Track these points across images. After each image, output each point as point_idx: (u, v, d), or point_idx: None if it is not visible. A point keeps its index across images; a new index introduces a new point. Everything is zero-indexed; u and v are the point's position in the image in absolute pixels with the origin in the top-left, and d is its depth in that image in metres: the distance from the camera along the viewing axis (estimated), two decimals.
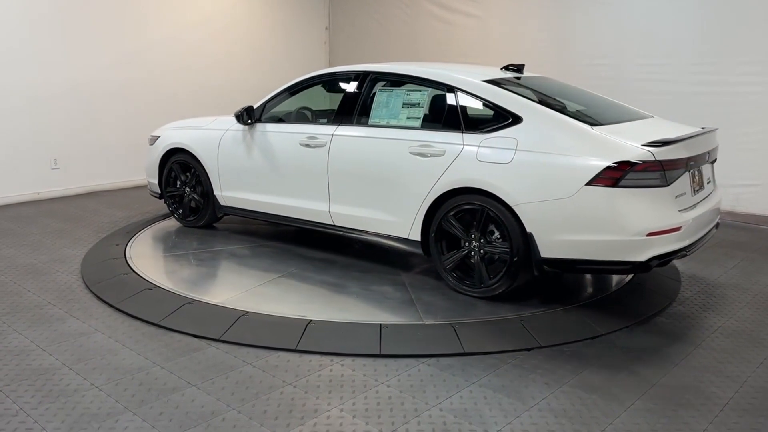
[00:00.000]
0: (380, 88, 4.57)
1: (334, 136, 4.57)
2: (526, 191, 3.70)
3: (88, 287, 4.23)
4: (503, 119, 3.92)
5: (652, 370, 3.16)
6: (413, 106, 4.35)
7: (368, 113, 4.52)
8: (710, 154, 4.02)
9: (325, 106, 5.48)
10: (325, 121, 4.85)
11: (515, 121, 3.86)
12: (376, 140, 4.37)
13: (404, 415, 2.73)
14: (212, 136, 5.36)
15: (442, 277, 4.18)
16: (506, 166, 3.78)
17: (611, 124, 3.94)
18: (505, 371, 3.12)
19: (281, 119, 5.11)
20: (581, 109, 4.24)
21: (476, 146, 3.92)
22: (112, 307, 3.89)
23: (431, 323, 3.65)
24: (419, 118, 4.28)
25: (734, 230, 5.94)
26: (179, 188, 5.70)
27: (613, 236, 3.49)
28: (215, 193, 5.39)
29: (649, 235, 3.45)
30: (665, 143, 3.53)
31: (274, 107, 5.14)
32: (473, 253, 3.98)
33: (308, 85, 5.04)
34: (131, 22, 7.62)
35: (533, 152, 3.72)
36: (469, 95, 4.13)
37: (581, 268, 3.73)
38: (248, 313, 3.71)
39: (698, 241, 3.81)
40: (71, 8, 7.08)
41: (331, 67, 6.81)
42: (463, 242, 4.01)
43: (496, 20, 7.91)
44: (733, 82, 6.12)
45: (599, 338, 3.52)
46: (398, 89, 4.48)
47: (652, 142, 3.53)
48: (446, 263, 4.10)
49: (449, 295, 4.07)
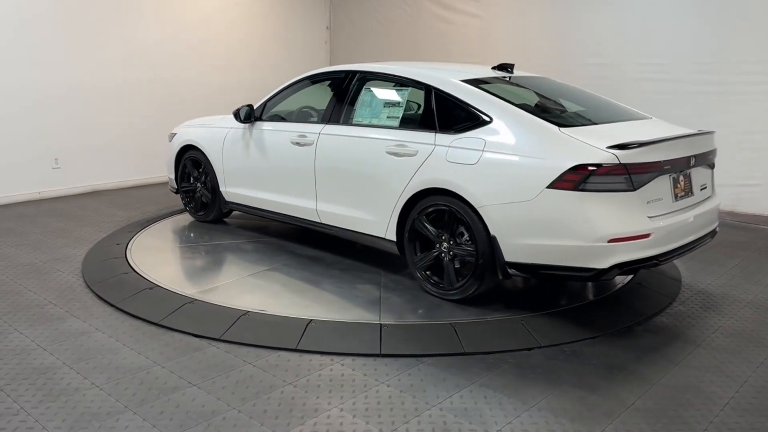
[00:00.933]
0: (365, 87, 4.59)
1: (320, 134, 4.63)
2: (490, 193, 3.61)
3: (88, 286, 4.24)
4: (474, 119, 3.84)
5: (652, 370, 3.16)
6: (394, 105, 4.36)
7: (353, 112, 4.55)
8: (698, 158, 3.78)
9: (325, 105, 5.51)
10: (315, 119, 4.89)
11: (485, 121, 3.78)
12: (356, 139, 4.40)
13: (404, 414, 2.73)
14: (218, 134, 5.49)
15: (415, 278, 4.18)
16: (472, 167, 3.70)
17: (593, 124, 3.85)
18: (505, 371, 3.12)
19: (283, 118, 5.16)
20: (575, 109, 4.21)
21: (447, 146, 3.86)
22: (112, 306, 3.90)
23: (390, 323, 3.65)
24: (398, 117, 4.28)
25: (734, 230, 5.94)
26: (192, 184, 5.87)
27: (573, 242, 3.35)
28: (220, 188, 5.54)
29: (611, 241, 3.29)
30: (632, 146, 3.36)
31: (274, 106, 5.21)
32: (443, 254, 3.93)
33: (303, 84, 5.11)
34: (132, 22, 7.63)
35: (499, 153, 3.62)
36: (444, 95, 4.06)
37: (544, 273, 3.57)
38: (248, 312, 3.72)
39: (680, 249, 3.62)
40: (72, 8, 7.08)
41: (331, 66, 6.81)
42: (434, 243, 3.97)
43: (497, 20, 7.91)
44: (733, 82, 6.12)
45: (599, 338, 3.52)
46: (382, 88, 4.50)
47: (618, 144, 3.36)
48: (418, 264, 4.07)
49: (419, 296, 4.04)
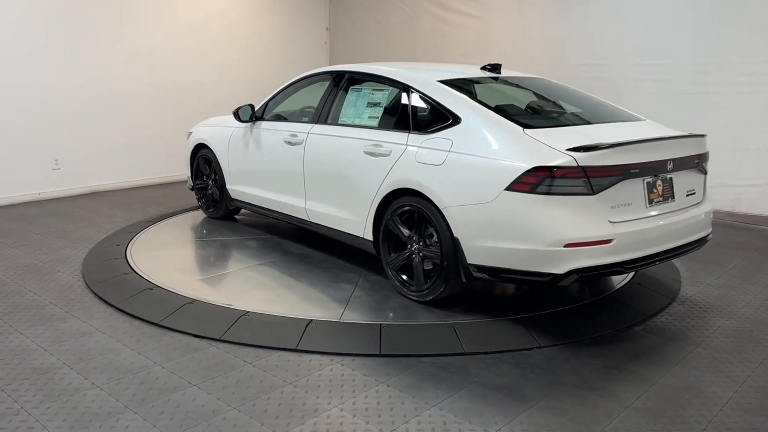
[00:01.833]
0: (351, 87, 4.62)
1: (309, 134, 4.68)
2: (453, 194, 3.57)
3: (89, 287, 4.24)
4: (445, 120, 3.82)
5: (652, 370, 3.16)
6: (375, 105, 4.38)
7: (339, 112, 4.59)
8: (679, 162, 3.64)
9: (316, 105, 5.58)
10: (307, 119, 4.93)
11: (454, 121, 3.75)
12: (339, 139, 4.43)
13: (404, 414, 2.73)
14: (225, 132, 5.63)
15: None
16: (438, 167, 3.67)
17: (569, 126, 3.81)
18: (504, 371, 3.13)
19: (283, 118, 5.22)
20: (558, 110, 4.18)
21: (417, 147, 3.85)
22: (113, 306, 3.90)
23: (356, 322, 3.67)
24: (377, 117, 4.29)
25: (734, 230, 5.94)
26: (204, 181, 6.03)
27: (530, 245, 3.29)
28: (227, 186, 5.67)
29: (567, 246, 3.20)
30: (593, 148, 3.25)
31: (275, 106, 5.29)
32: (414, 255, 3.92)
33: (302, 84, 5.18)
34: (132, 22, 7.63)
35: (463, 154, 3.59)
36: (420, 94, 4.06)
37: (505, 277, 3.50)
38: (248, 313, 3.72)
39: (655, 256, 3.51)
40: (72, 9, 7.09)
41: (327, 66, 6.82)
42: (406, 244, 3.96)
43: (496, 20, 7.92)
44: (733, 82, 6.12)
45: (599, 338, 3.52)
46: (366, 89, 4.52)
47: (578, 146, 3.27)
48: (391, 264, 4.07)
49: (391, 297, 4.04)
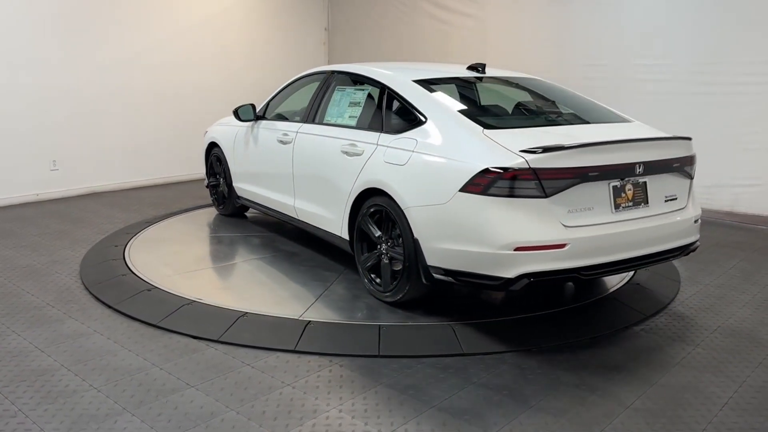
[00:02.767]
0: (337, 87, 4.64)
1: (297, 133, 4.73)
2: (414, 195, 3.55)
3: (87, 288, 4.23)
4: (413, 119, 3.81)
5: (651, 370, 3.16)
6: (355, 105, 4.39)
7: (325, 111, 4.63)
8: (651, 165, 3.46)
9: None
10: (298, 119, 4.97)
11: (421, 121, 3.73)
12: (321, 138, 4.47)
13: (404, 415, 2.73)
14: (231, 132, 5.75)
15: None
16: (402, 167, 3.65)
17: (539, 126, 3.77)
18: (504, 371, 3.12)
19: (283, 117, 5.26)
20: (537, 110, 4.15)
21: (386, 147, 3.84)
22: (110, 308, 3.89)
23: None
24: (356, 117, 4.31)
25: (734, 230, 5.94)
26: (216, 179, 6.18)
27: (481, 248, 3.22)
28: (233, 183, 5.79)
29: (517, 249, 3.13)
30: (546, 150, 3.16)
31: (276, 106, 5.36)
32: (383, 255, 3.89)
33: (300, 84, 5.24)
34: (131, 23, 7.63)
35: (425, 154, 3.56)
36: (393, 94, 4.05)
37: (462, 279, 3.41)
38: (247, 314, 3.71)
39: (621, 264, 3.38)
40: (71, 10, 7.08)
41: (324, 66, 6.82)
42: (376, 244, 3.95)
43: (494, 20, 7.91)
44: (733, 82, 6.12)
45: (598, 338, 3.51)
46: (349, 88, 4.54)
47: (532, 148, 3.18)
48: (363, 263, 4.06)
49: (361, 297, 4.03)
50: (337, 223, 4.27)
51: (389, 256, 3.85)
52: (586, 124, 3.94)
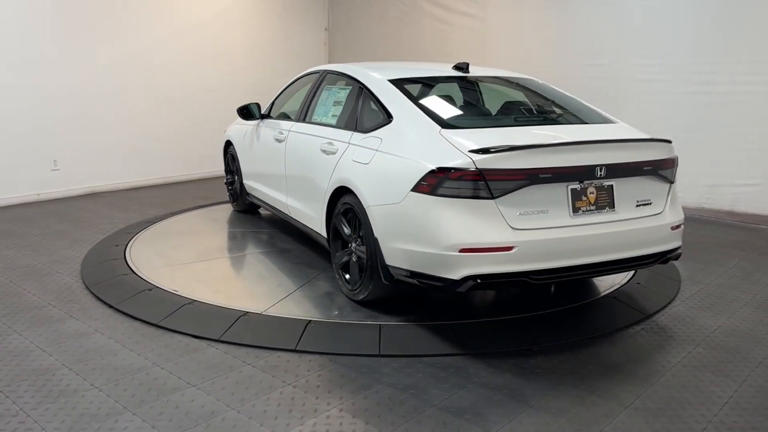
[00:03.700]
0: (326, 86, 4.69)
1: (290, 131, 4.80)
2: (374, 194, 3.54)
3: (87, 288, 4.23)
4: (383, 117, 3.81)
5: (650, 369, 3.16)
6: (338, 103, 4.43)
7: (314, 110, 4.69)
8: (614, 168, 3.31)
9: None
10: (293, 118, 5.01)
11: (387, 120, 3.73)
12: (307, 136, 4.53)
13: (404, 414, 2.73)
14: (242, 130, 5.89)
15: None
16: (366, 166, 3.67)
17: (503, 126, 3.72)
18: (504, 371, 3.12)
19: (287, 116, 5.29)
20: (532, 109, 4.13)
21: (356, 145, 3.85)
22: (111, 307, 3.90)
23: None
24: (337, 115, 4.33)
25: (733, 230, 5.94)
26: (232, 176, 6.33)
27: (429, 248, 3.19)
28: (243, 180, 5.95)
29: (462, 251, 3.08)
30: (494, 150, 3.09)
31: (279, 105, 5.45)
32: (352, 254, 3.89)
33: (301, 83, 5.29)
34: (131, 24, 7.63)
35: (386, 153, 3.55)
36: (368, 93, 4.06)
37: (416, 280, 3.36)
38: (248, 313, 3.72)
39: (579, 269, 3.26)
40: (71, 10, 7.08)
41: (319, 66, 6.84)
42: (348, 242, 3.95)
43: (494, 20, 7.91)
44: (732, 82, 6.12)
45: (598, 338, 3.52)
46: (335, 87, 4.57)
47: (480, 148, 3.12)
48: (336, 261, 4.07)
49: (335, 297, 4.03)
50: (318, 220, 4.31)
51: (357, 255, 3.84)
52: (559, 125, 3.87)
